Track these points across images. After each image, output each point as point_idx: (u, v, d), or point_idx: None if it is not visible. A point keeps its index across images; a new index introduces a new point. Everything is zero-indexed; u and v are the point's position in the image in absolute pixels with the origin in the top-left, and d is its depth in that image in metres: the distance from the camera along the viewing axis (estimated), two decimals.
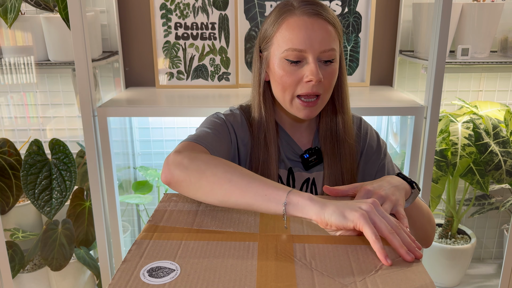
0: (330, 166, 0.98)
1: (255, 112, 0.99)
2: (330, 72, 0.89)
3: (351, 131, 0.99)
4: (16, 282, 1.83)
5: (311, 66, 0.86)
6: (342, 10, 1.78)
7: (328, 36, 0.87)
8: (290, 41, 0.87)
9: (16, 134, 1.99)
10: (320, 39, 0.86)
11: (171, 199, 0.83)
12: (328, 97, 0.93)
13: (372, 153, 1.03)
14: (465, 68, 1.86)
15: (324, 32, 0.87)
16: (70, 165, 1.69)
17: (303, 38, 0.86)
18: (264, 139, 0.97)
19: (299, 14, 0.87)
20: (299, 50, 0.86)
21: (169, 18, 1.79)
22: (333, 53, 0.88)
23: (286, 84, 0.89)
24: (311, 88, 0.88)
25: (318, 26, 0.86)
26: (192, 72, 1.85)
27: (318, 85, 0.88)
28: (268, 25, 0.92)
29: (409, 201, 0.84)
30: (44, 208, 1.68)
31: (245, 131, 0.99)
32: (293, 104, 0.91)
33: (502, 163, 1.75)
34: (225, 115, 1.00)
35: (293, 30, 0.87)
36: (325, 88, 0.90)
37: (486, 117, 1.82)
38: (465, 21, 1.73)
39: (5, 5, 1.57)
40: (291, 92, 0.90)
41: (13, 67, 1.81)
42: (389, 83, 1.90)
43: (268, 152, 0.97)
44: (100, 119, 1.52)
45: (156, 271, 0.59)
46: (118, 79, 1.87)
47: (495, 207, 2.00)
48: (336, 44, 0.89)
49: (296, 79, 0.88)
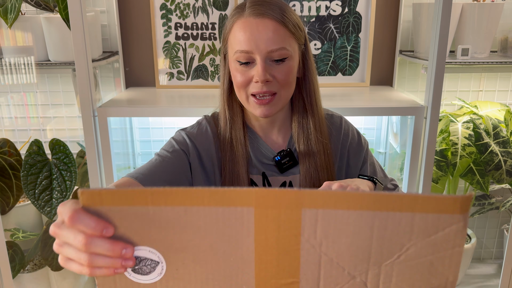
0: (305, 166, 0.98)
1: (221, 113, 1.00)
2: (283, 70, 0.89)
3: (324, 129, 0.99)
4: (17, 282, 1.83)
5: (258, 67, 0.87)
6: (342, 10, 1.78)
7: (275, 36, 0.87)
8: (238, 43, 0.88)
9: (17, 134, 1.99)
10: (266, 39, 0.86)
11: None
12: (286, 94, 0.93)
13: (354, 152, 1.03)
14: (465, 68, 1.87)
15: (270, 32, 0.86)
16: (71, 165, 1.69)
17: (249, 39, 0.87)
18: (230, 140, 0.97)
19: (246, 15, 0.88)
20: (246, 51, 0.87)
21: (169, 18, 1.79)
22: (283, 52, 0.88)
23: (239, 84, 0.91)
24: (261, 88, 0.89)
25: (263, 27, 0.86)
26: (192, 72, 1.85)
27: (270, 84, 0.89)
28: (225, 26, 0.94)
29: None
30: (45, 208, 1.68)
31: (209, 143, 0.99)
32: (249, 102, 0.92)
33: (502, 163, 1.76)
34: (187, 132, 1.00)
35: (240, 31, 0.88)
36: (280, 86, 0.90)
37: (486, 117, 1.82)
38: (465, 21, 1.73)
39: (5, 5, 1.57)
40: (244, 91, 0.91)
41: (13, 67, 1.81)
42: (389, 83, 1.90)
43: (235, 153, 0.97)
44: (100, 119, 1.52)
45: (138, 265, 0.51)
46: (118, 79, 1.87)
47: (495, 207, 2.00)
48: (289, 43, 0.89)
49: (247, 79, 0.90)
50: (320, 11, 1.78)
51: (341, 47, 1.82)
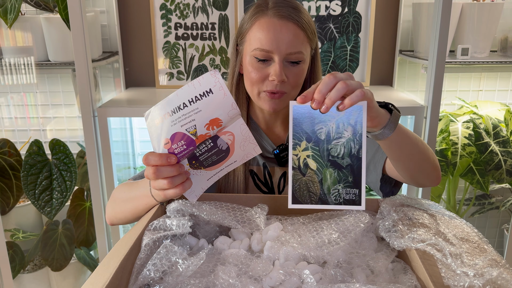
0: None
1: None
2: (296, 72, 0.94)
3: None
4: (17, 283, 1.83)
5: (276, 67, 0.91)
6: (342, 10, 1.78)
7: (296, 40, 0.91)
8: (259, 41, 0.92)
9: (17, 134, 1.99)
10: (287, 42, 0.90)
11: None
12: (295, 94, 0.97)
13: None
14: (465, 68, 1.87)
15: (291, 35, 0.90)
16: (71, 165, 1.69)
17: (271, 39, 0.90)
18: None
19: (270, 15, 0.91)
20: (266, 50, 0.91)
21: (169, 18, 1.79)
22: (300, 56, 0.92)
23: (253, 80, 0.94)
24: (275, 87, 0.93)
25: (286, 29, 0.90)
26: (192, 72, 1.85)
27: (282, 84, 0.93)
28: (244, 21, 0.97)
29: (391, 125, 0.74)
30: (45, 209, 1.68)
31: None
32: (260, 97, 0.96)
33: (502, 163, 1.76)
34: None
35: (263, 30, 0.91)
36: (291, 87, 0.95)
37: (486, 117, 1.82)
38: (465, 21, 1.73)
39: (5, 5, 1.57)
40: (257, 87, 0.95)
41: (13, 68, 1.81)
42: (389, 83, 1.90)
43: None
44: (100, 119, 1.52)
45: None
46: (118, 80, 1.87)
47: (495, 207, 2.00)
48: (305, 47, 0.93)
49: (262, 77, 0.93)
50: (320, 11, 1.78)
51: (341, 47, 1.82)
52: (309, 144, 0.67)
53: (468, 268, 0.59)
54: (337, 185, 0.65)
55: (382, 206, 0.78)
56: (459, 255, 0.62)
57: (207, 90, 0.64)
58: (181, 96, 0.65)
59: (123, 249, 0.62)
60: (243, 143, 0.71)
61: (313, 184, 0.65)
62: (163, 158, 0.67)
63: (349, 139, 0.68)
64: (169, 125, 0.66)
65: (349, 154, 0.67)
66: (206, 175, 0.75)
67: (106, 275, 0.56)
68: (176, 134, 0.67)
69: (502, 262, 0.61)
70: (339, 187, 0.65)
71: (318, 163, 0.66)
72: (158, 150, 0.69)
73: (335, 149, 0.67)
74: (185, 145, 0.68)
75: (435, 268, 0.60)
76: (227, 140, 0.70)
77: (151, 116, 0.67)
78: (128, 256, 0.62)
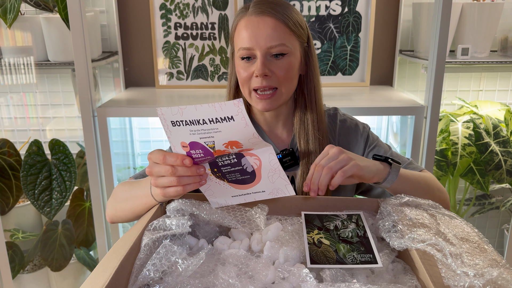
0: (303, 165, 1.01)
1: None
2: (281, 65, 0.94)
3: (322, 126, 1.02)
4: (16, 283, 1.83)
5: (257, 62, 0.93)
6: (342, 10, 1.78)
7: (274, 32, 0.92)
8: (241, 41, 0.94)
9: (16, 134, 1.99)
10: (266, 36, 0.91)
11: None
12: (287, 89, 0.97)
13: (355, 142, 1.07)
14: (465, 67, 1.86)
15: (269, 29, 0.91)
16: (70, 165, 1.69)
17: (249, 36, 0.92)
18: None
19: (249, 14, 0.94)
20: (247, 48, 0.93)
21: (168, 18, 1.78)
22: (282, 48, 0.93)
23: (242, 79, 0.96)
24: (261, 82, 0.93)
25: (264, 24, 0.92)
26: (192, 72, 1.85)
27: (270, 78, 0.93)
28: (231, 26, 1.00)
29: (392, 176, 0.85)
30: (44, 209, 1.67)
31: None
32: (251, 97, 0.97)
33: (503, 163, 1.75)
34: None
35: (243, 30, 0.94)
36: (280, 81, 0.95)
37: (486, 117, 1.82)
38: (465, 20, 1.73)
39: (4, 5, 1.56)
40: (247, 86, 0.96)
41: (12, 68, 1.81)
42: (389, 83, 1.90)
43: None
44: (100, 119, 1.52)
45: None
46: (118, 79, 1.87)
47: (496, 207, 2.00)
48: (288, 40, 0.93)
49: (249, 75, 0.95)
50: (320, 11, 1.78)
51: (341, 47, 1.82)
52: (321, 232, 0.75)
53: (468, 268, 0.59)
54: (351, 253, 0.69)
55: (382, 206, 0.78)
56: (459, 255, 0.62)
57: (228, 116, 0.64)
58: (200, 112, 0.64)
59: (122, 249, 0.62)
60: (272, 174, 0.73)
61: (329, 253, 0.69)
62: (179, 159, 0.69)
63: (354, 228, 0.76)
64: (187, 132, 0.66)
65: (357, 235, 0.74)
66: (231, 191, 0.76)
67: (105, 275, 0.55)
68: (194, 143, 0.68)
69: (502, 262, 0.61)
70: (354, 254, 0.69)
71: (330, 241, 0.72)
72: (175, 150, 0.71)
73: (343, 233, 0.75)
74: (203, 154, 0.69)
75: (435, 268, 0.60)
76: (253, 163, 0.72)
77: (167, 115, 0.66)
78: (127, 256, 0.61)
